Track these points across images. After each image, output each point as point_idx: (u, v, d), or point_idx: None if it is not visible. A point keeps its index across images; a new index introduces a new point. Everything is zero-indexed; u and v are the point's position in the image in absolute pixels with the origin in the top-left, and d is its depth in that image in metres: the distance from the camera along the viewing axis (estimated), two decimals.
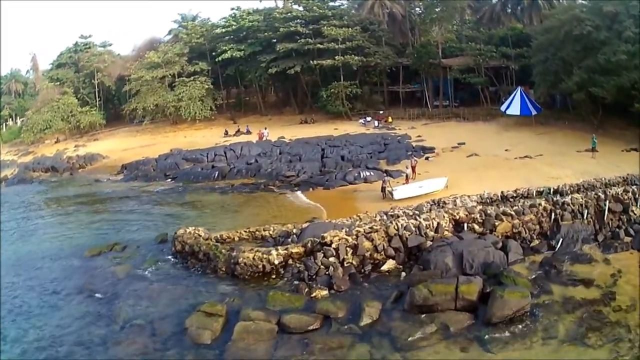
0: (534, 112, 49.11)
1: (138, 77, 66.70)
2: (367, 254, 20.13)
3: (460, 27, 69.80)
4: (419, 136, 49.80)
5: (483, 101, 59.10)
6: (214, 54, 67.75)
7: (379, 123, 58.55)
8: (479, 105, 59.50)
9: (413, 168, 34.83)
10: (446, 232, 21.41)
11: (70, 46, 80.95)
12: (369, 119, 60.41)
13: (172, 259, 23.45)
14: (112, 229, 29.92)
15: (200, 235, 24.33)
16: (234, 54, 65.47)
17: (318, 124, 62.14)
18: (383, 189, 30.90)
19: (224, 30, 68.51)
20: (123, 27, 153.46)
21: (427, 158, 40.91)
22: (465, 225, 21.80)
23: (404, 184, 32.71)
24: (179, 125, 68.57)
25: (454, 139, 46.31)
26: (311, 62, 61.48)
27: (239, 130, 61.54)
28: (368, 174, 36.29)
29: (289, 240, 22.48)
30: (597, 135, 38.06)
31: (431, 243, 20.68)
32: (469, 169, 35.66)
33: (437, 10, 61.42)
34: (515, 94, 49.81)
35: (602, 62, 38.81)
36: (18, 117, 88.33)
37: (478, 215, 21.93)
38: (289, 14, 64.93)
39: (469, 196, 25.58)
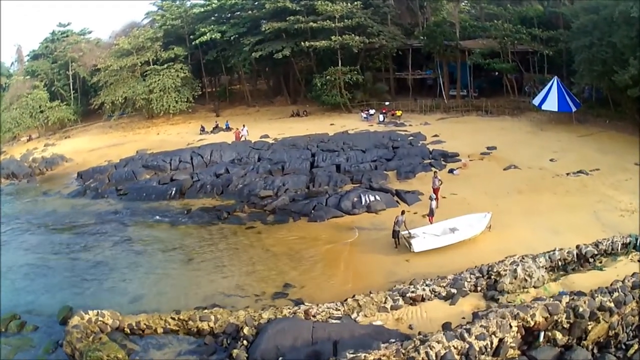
0: (573, 109, 39.84)
1: (106, 66, 57.69)
2: None
3: (476, 6, 59.44)
4: (436, 135, 40.27)
5: (509, 91, 49.39)
6: (192, 37, 58.35)
7: (384, 117, 48.95)
8: (501, 95, 50.16)
9: (436, 191, 24.78)
10: (511, 351, 12.16)
11: (48, 35, 71.83)
12: (372, 112, 50.84)
13: None
14: (23, 285, 22.55)
15: (107, 324, 16.30)
16: (214, 36, 56.00)
17: (312, 118, 53.37)
18: (396, 233, 20.95)
19: (203, 9, 58.96)
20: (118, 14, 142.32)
21: (451, 171, 30.80)
22: (542, 333, 12.57)
23: (425, 216, 23.33)
24: (155, 120, 60.03)
25: (480, 140, 36.92)
26: (303, 43, 51.81)
27: (217, 127, 51.94)
28: (372, 198, 26.21)
29: (236, 349, 13.31)
30: None
31: None
32: (512, 191, 26.22)
33: None
34: (551, 86, 40.21)
35: None
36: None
37: (564, 317, 12.64)
38: None
39: (533, 258, 16.35)
